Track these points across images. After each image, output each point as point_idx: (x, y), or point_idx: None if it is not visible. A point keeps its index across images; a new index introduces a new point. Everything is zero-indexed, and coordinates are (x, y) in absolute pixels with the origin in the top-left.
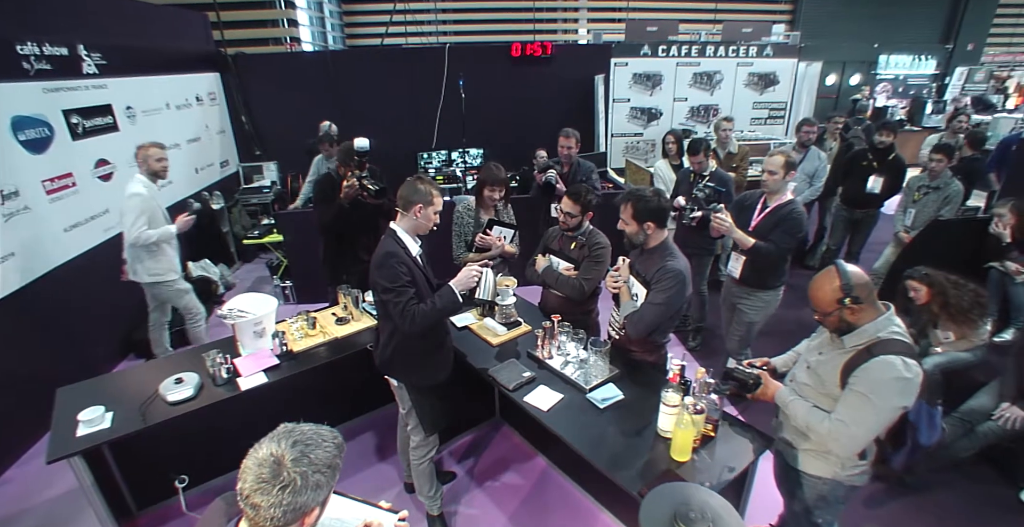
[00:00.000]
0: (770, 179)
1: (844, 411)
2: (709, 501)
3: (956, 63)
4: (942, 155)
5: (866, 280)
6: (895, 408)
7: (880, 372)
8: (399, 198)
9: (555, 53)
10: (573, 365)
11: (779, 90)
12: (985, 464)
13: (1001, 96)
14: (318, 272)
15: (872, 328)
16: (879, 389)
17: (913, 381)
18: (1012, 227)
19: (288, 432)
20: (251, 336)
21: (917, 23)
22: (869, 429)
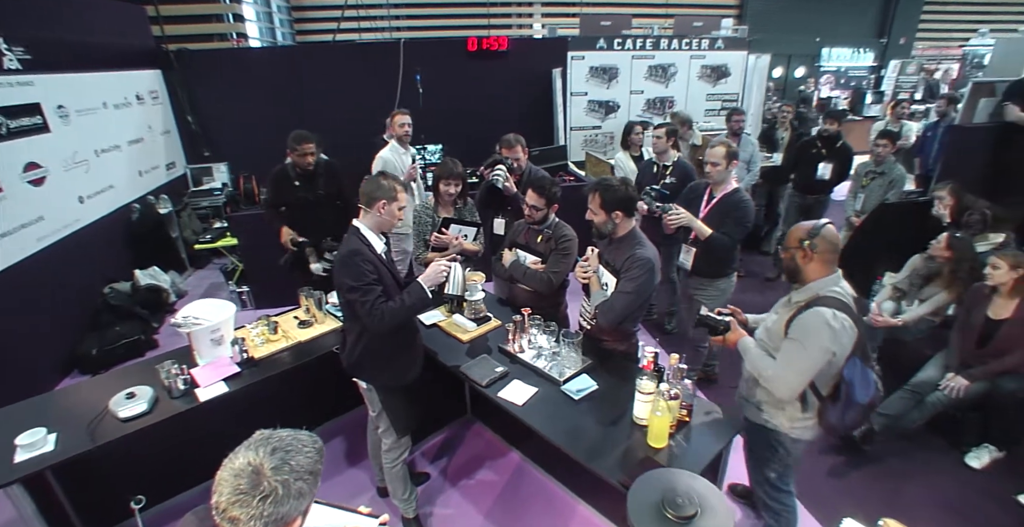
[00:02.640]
0: (714, 170)
1: (781, 356)
2: (693, 485)
3: (890, 56)
4: (886, 140)
5: (834, 241)
6: (823, 351)
7: (811, 320)
8: (362, 194)
9: (512, 47)
10: (546, 358)
11: (731, 82)
12: (932, 432)
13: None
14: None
15: (816, 286)
16: (808, 335)
17: (839, 330)
18: (951, 208)
19: (265, 439)
20: (208, 344)
21: (855, 18)
22: (801, 372)
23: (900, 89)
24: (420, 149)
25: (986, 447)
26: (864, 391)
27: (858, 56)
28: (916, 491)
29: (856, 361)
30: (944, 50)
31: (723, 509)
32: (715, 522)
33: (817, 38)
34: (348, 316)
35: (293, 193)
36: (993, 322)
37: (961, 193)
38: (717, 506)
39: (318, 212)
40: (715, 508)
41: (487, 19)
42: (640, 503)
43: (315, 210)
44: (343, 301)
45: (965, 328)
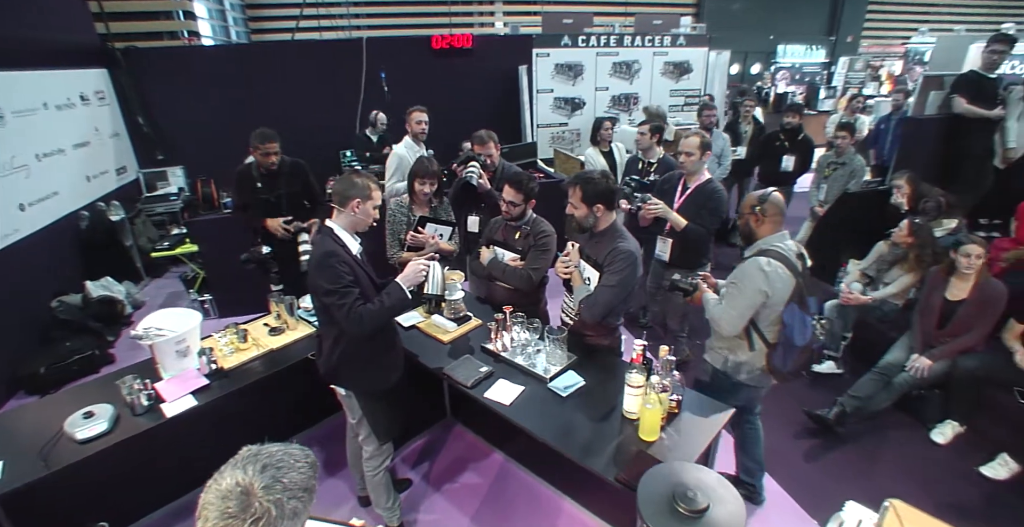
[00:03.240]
0: (688, 160)
1: (725, 299)
2: (701, 477)
3: (839, 53)
4: (845, 132)
5: (780, 205)
6: (756, 292)
7: (747, 267)
8: (334, 194)
9: (476, 45)
10: (530, 355)
11: (693, 78)
12: (899, 411)
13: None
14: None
15: (763, 242)
16: (744, 278)
17: (771, 273)
18: (908, 196)
19: (253, 456)
20: (173, 356)
21: (806, 17)
22: (738, 309)
23: (849, 85)
24: None
25: (949, 423)
26: (801, 335)
27: (811, 52)
28: (887, 468)
29: (794, 307)
30: (888, 48)
31: (733, 499)
32: (727, 513)
33: (771, 36)
34: (324, 320)
35: (254, 194)
36: (951, 303)
37: (917, 182)
38: (727, 497)
39: (282, 213)
40: (726, 499)
41: (449, 17)
42: (651, 500)
43: (278, 211)
44: (318, 305)
45: (925, 310)
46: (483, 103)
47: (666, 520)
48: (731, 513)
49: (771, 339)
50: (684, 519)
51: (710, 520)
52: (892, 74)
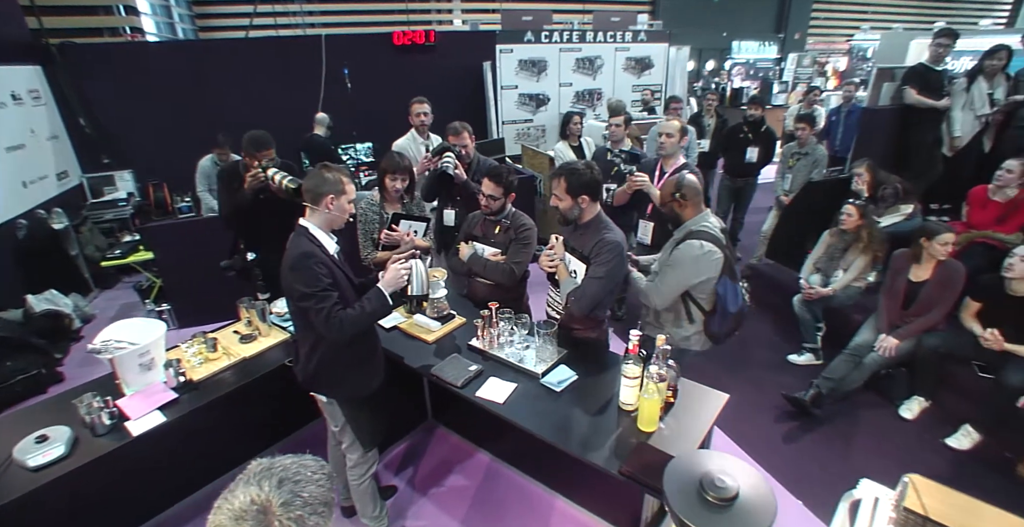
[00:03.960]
0: (668, 141)
1: (658, 278)
2: (724, 465)
3: (788, 50)
4: (804, 124)
5: (696, 189)
6: (688, 274)
7: (683, 251)
8: (305, 192)
9: (439, 41)
10: (519, 351)
11: (654, 73)
12: (868, 391)
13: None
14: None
15: (689, 223)
16: (678, 262)
17: (705, 256)
18: (868, 183)
19: (267, 470)
20: (136, 370)
21: (756, 15)
22: (669, 286)
23: (798, 80)
24: (347, 148)
25: (915, 399)
26: (734, 303)
27: (764, 49)
28: (861, 444)
29: (726, 280)
30: (832, 44)
31: (761, 485)
32: (758, 498)
33: (724, 33)
34: (300, 325)
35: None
36: (914, 284)
37: (876, 169)
38: (754, 481)
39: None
40: (753, 483)
41: (407, 15)
42: (679, 492)
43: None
44: (294, 309)
45: (890, 292)
46: (447, 100)
47: (699, 510)
48: (761, 496)
49: (707, 308)
50: (716, 507)
51: (742, 505)
52: (837, 70)
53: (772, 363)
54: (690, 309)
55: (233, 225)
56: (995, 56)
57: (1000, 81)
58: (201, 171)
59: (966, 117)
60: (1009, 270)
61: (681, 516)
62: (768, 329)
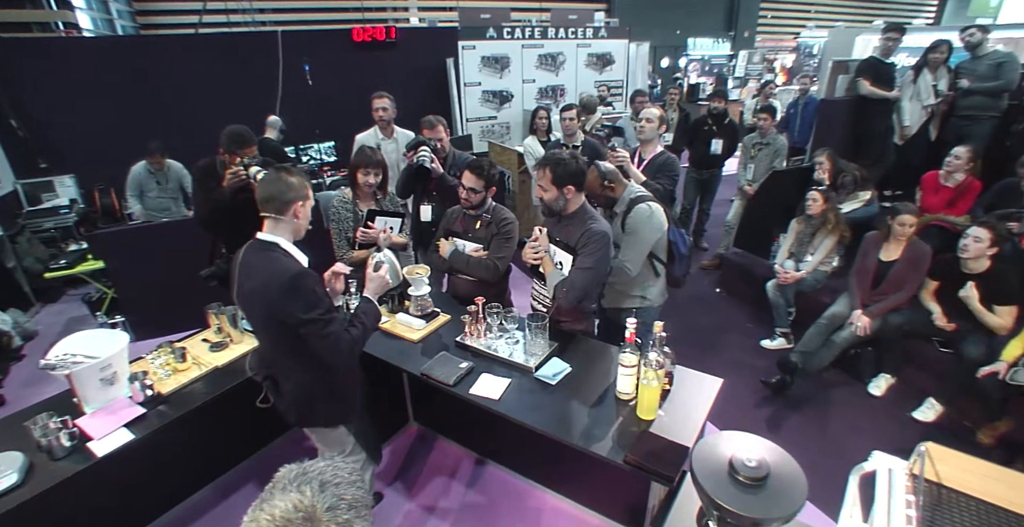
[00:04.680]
0: (648, 126)
1: (624, 249)
2: (748, 445)
3: (738, 47)
4: (766, 114)
5: (614, 169)
6: (652, 232)
7: (637, 218)
8: (267, 201)
9: (400, 37)
10: (510, 346)
11: (615, 69)
12: (838, 371)
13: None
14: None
15: (625, 195)
16: (636, 228)
17: (655, 214)
18: (829, 171)
19: (302, 474)
20: (97, 386)
21: (709, 13)
22: (638, 252)
23: (749, 76)
24: (306, 148)
25: (883, 376)
26: (684, 245)
27: (718, 45)
28: (835, 422)
29: (672, 227)
30: (780, 42)
31: (790, 462)
32: (788, 476)
33: (678, 31)
34: (284, 356)
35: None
36: (884, 264)
37: (836, 158)
38: (784, 460)
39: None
40: (783, 463)
41: (362, 13)
42: (710, 477)
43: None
44: (276, 339)
45: (861, 272)
46: (411, 97)
47: (733, 491)
48: (791, 474)
49: (665, 259)
50: (749, 487)
51: (774, 484)
52: (785, 66)
53: (746, 348)
54: (654, 265)
55: (211, 228)
56: (937, 50)
57: (943, 73)
58: (133, 177)
59: (914, 107)
60: (964, 250)
61: (716, 499)
62: (741, 316)
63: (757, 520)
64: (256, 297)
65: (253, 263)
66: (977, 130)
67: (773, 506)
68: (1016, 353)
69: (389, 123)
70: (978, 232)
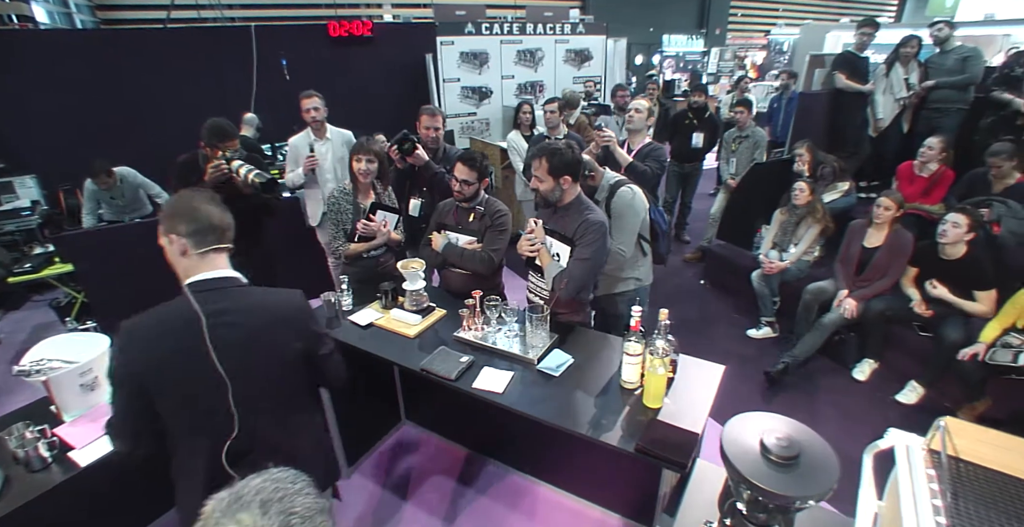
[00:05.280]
0: (637, 116)
1: (614, 233)
2: (774, 425)
3: (710, 44)
4: (742, 107)
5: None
6: (637, 214)
7: (620, 202)
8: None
9: (377, 32)
10: (509, 339)
11: (594, 65)
12: (823, 358)
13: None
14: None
15: (603, 182)
16: (623, 212)
17: (637, 197)
18: (808, 163)
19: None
20: (77, 392)
21: (681, 11)
22: (628, 234)
23: (720, 73)
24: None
25: (866, 361)
26: (664, 222)
27: (692, 42)
28: (823, 407)
29: (651, 206)
30: (750, 39)
31: (817, 440)
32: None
33: (651, 28)
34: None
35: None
36: (868, 250)
37: (815, 150)
38: (812, 439)
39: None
40: (811, 441)
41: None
42: (742, 457)
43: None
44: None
45: (846, 259)
46: (390, 93)
47: (767, 471)
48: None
49: (649, 237)
50: (783, 466)
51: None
52: (755, 63)
53: (733, 338)
54: (642, 245)
55: None
56: (908, 44)
57: (914, 67)
58: (87, 196)
59: (887, 100)
60: (943, 236)
61: (751, 479)
62: (725, 307)
63: (793, 498)
64: (276, 332)
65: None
66: (946, 122)
67: (808, 484)
68: (993, 334)
69: (322, 123)
70: (956, 218)
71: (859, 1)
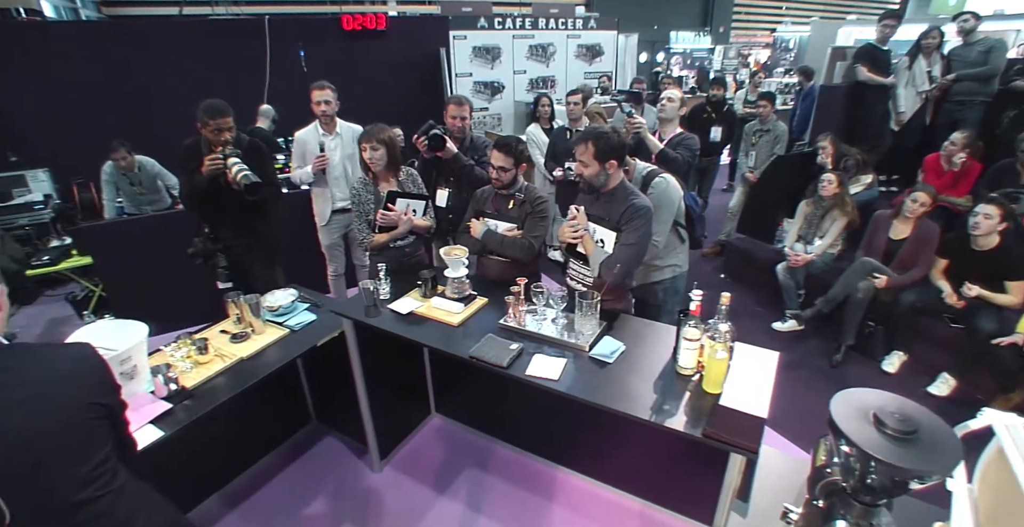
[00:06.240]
0: (669, 104)
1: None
2: (885, 402)
3: (716, 42)
4: (766, 101)
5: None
6: (673, 202)
7: (657, 192)
8: None
9: (390, 26)
10: (557, 327)
11: (605, 60)
12: (853, 351)
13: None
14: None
15: (639, 172)
16: (660, 201)
17: (671, 185)
18: (831, 156)
19: None
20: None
21: (685, 8)
22: (664, 224)
23: (724, 71)
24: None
25: (895, 354)
26: (696, 207)
27: (699, 39)
28: None
29: (686, 192)
30: (754, 38)
31: (933, 416)
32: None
33: (655, 26)
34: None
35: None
36: (894, 242)
37: (838, 142)
38: (927, 415)
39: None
40: (927, 417)
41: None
42: (857, 432)
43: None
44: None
45: (870, 250)
46: (404, 87)
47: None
48: (940, 428)
49: (684, 222)
50: (901, 440)
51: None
52: (758, 62)
53: (757, 331)
54: (678, 231)
55: (192, 209)
56: (929, 36)
57: (936, 59)
58: (106, 179)
59: (909, 94)
60: (975, 228)
61: (871, 452)
62: (748, 300)
63: (919, 473)
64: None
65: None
66: (969, 114)
67: (932, 459)
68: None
69: (332, 117)
70: (988, 209)
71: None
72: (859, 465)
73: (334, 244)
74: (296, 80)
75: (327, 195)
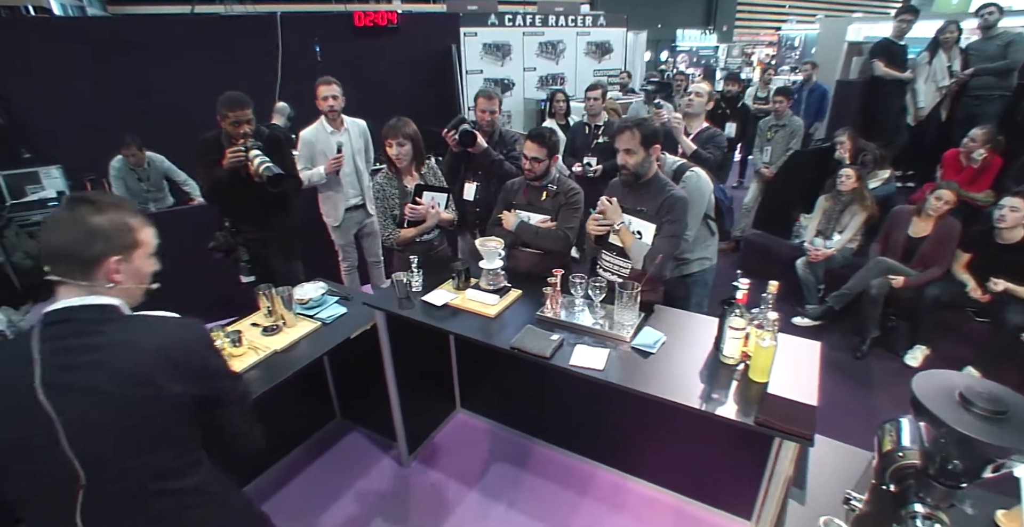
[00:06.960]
0: (697, 100)
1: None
2: (973, 384)
3: (720, 40)
4: (782, 97)
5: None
6: (705, 195)
7: (688, 185)
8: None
9: (401, 23)
10: (598, 317)
11: (614, 58)
12: (877, 347)
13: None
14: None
15: (669, 167)
16: (696, 196)
17: (702, 179)
18: (850, 150)
19: None
20: None
21: (689, 7)
22: (695, 217)
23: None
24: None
25: (918, 347)
26: (726, 198)
27: (705, 37)
28: (878, 394)
29: (717, 185)
30: (756, 36)
31: (1020, 398)
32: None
33: (659, 25)
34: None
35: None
36: (914, 240)
37: (856, 138)
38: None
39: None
40: (1014, 397)
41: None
42: (946, 411)
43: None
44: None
45: (888, 247)
46: (416, 84)
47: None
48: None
49: (714, 215)
50: (991, 420)
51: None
52: (761, 60)
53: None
54: (709, 224)
55: (214, 201)
56: (947, 30)
57: (956, 54)
58: (115, 175)
59: (928, 89)
60: (1001, 221)
61: (966, 431)
62: None
63: (1014, 451)
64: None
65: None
66: (988, 109)
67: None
68: None
69: (339, 114)
70: (1014, 202)
71: None
72: (947, 447)
73: (348, 242)
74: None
75: (339, 195)
